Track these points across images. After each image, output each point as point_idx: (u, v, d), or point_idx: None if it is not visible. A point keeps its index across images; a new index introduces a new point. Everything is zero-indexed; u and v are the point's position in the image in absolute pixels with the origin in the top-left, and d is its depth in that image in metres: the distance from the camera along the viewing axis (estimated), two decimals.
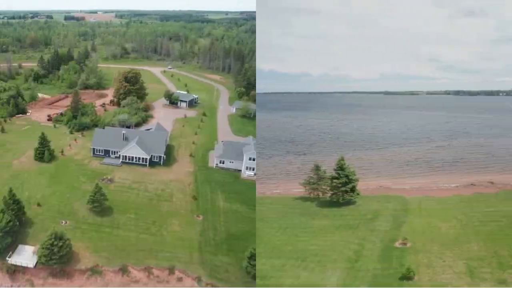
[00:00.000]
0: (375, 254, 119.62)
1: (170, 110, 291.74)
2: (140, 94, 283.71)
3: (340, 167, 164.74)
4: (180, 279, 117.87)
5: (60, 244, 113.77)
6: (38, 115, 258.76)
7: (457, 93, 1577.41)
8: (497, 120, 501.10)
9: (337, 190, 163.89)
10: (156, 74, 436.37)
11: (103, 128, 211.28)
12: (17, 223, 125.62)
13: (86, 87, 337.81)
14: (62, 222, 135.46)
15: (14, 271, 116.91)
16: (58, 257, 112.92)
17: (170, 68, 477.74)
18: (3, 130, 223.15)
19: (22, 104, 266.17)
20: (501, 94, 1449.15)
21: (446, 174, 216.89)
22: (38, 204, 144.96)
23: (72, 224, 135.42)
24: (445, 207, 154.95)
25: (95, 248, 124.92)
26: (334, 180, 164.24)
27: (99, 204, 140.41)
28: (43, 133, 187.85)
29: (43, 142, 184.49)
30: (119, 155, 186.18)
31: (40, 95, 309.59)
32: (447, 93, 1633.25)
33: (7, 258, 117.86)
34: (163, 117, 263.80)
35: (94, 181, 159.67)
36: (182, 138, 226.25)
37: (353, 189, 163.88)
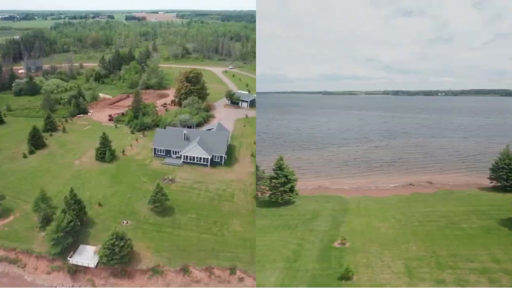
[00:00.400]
0: (314, 254, 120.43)
1: (232, 110, 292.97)
2: (202, 94, 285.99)
3: (279, 167, 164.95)
4: (241, 279, 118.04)
5: (121, 244, 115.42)
6: (99, 115, 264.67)
7: (396, 93, 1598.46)
8: (435, 120, 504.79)
9: (276, 190, 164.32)
10: (217, 74, 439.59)
11: (165, 128, 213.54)
12: (78, 223, 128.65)
13: (147, 87, 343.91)
14: (123, 222, 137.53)
15: (76, 271, 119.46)
16: (119, 257, 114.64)
17: (231, 68, 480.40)
18: (64, 130, 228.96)
19: (83, 104, 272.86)
20: (439, 94, 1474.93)
21: (384, 174, 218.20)
22: (99, 204, 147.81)
23: (133, 224, 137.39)
24: (384, 207, 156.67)
25: (156, 248, 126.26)
26: (273, 180, 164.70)
27: (161, 204, 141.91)
28: (104, 133, 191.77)
29: (104, 142, 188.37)
30: (181, 155, 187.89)
31: (101, 95, 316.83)
32: (386, 93, 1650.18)
33: (68, 258, 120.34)
34: (225, 117, 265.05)
35: (156, 181, 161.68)
36: (244, 138, 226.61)
37: (292, 189, 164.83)
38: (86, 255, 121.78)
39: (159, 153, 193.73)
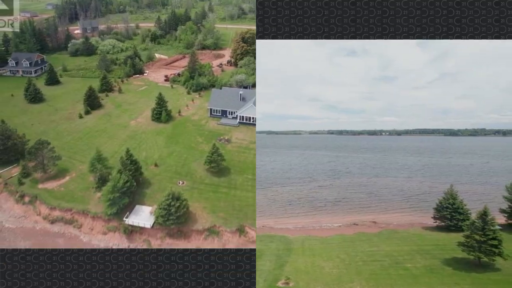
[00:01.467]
0: None
1: None
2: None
3: None
4: None
5: (177, 204, 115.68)
6: (155, 76, 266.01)
7: (340, 132, 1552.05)
8: (379, 160, 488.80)
9: None
10: None
11: (220, 89, 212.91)
12: (134, 183, 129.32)
13: (203, 47, 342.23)
14: (179, 183, 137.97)
15: (131, 231, 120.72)
16: (175, 218, 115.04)
17: None
18: (120, 91, 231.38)
19: (139, 65, 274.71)
20: (383, 133, 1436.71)
21: (329, 213, 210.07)
22: (155, 165, 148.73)
23: (189, 185, 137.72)
24: (328, 247, 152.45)
25: (212, 208, 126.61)
26: None
27: (217, 165, 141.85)
28: (160, 94, 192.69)
29: (160, 102, 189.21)
30: (236, 115, 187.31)
31: (157, 55, 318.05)
32: (330, 132, 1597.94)
33: (124, 219, 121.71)
34: None
35: (211, 141, 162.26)
36: None
37: None
38: (142, 216, 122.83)
39: (215, 114, 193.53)
